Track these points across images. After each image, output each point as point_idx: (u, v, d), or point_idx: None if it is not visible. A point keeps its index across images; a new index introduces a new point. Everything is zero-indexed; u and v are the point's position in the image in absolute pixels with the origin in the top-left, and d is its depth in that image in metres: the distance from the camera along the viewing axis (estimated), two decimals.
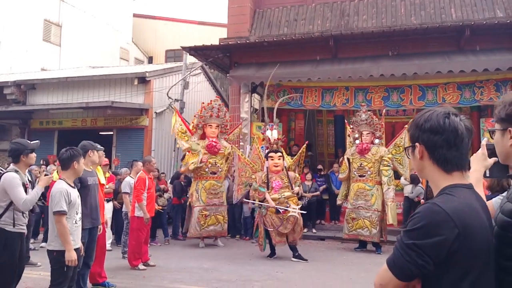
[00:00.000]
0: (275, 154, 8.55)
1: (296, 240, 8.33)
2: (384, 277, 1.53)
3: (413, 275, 1.48)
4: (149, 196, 7.49)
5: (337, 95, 12.10)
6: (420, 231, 1.47)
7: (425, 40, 11.19)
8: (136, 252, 7.33)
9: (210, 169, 9.76)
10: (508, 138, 1.62)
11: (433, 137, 1.59)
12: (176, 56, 22.40)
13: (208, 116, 9.87)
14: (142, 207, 7.28)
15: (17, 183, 4.37)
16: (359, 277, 6.95)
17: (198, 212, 9.51)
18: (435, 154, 1.61)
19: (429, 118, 1.62)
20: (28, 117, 14.91)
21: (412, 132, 1.68)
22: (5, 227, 4.35)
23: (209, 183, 9.72)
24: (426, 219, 1.47)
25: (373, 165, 9.46)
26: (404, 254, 1.47)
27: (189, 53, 12.96)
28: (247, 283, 6.54)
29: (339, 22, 12.54)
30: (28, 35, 19.42)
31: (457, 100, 11.30)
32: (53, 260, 4.22)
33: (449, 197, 1.52)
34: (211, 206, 9.66)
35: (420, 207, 1.55)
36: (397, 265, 1.49)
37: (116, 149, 13.99)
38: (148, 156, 8.12)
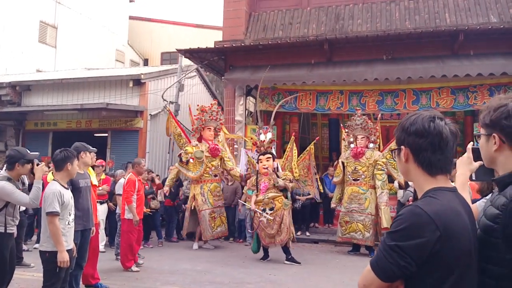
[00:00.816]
0: (263, 156, 8.62)
1: (285, 241, 8.31)
2: (367, 278, 1.56)
3: (396, 276, 1.51)
4: (138, 198, 7.50)
5: (331, 98, 12.15)
6: (402, 233, 1.50)
7: (419, 44, 11.27)
8: (128, 254, 7.34)
9: (214, 172, 9.89)
10: (493, 144, 1.65)
11: (418, 140, 1.62)
12: (171, 59, 22.41)
13: (209, 119, 9.95)
14: (132, 209, 7.28)
15: (11, 190, 4.38)
16: (351, 280, 6.98)
17: (208, 215, 9.61)
18: (419, 157, 1.63)
19: (415, 121, 1.64)
20: (23, 118, 14.86)
21: (398, 135, 1.70)
22: None
23: (214, 185, 9.91)
24: (408, 221, 1.50)
25: (367, 169, 9.50)
26: (386, 256, 1.50)
27: (184, 56, 12.98)
28: (240, 285, 6.55)
29: (334, 26, 12.60)
30: (24, 37, 19.38)
31: (451, 105, 11.38)
32: (46, 261, 4.24)
33: (431, 200, 1.56)
34: (217, 208, 9.86)
35: (403, 210, 1.58)
36: (380, 266, 1.52)
37: (111, 151, 13.96)
38: (138, 159, 8.13)
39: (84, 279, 5.90)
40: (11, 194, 4.37)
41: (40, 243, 4.46)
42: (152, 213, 9.81)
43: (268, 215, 8.26)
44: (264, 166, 8.51)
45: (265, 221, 8.27)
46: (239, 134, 11.98)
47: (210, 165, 9.84)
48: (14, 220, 4.57)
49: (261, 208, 8.36)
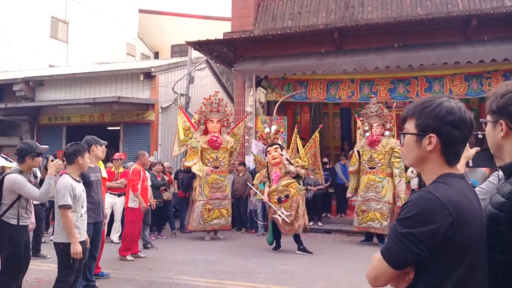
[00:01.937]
0: (271, 147, 8.62)
1: (303, 226, 8.37)
2: (378, 268, 1.53)
3: (409, 263, 1.49)
4: (142, 188, 7.64)
5: (342, 87, 12.06)
6: (414, 219, 1.46)
7: (431, 31, 11.08)
8: (128, 243, 7.51)
9: (212, 164, 9.79)
10: (499, 130, 1.62)
11: (453, 131, 1.54)
12: (181, 51, 22.42)
13: (208, 111, 9.90)
14: (138, 197, 7.47)
15: (23, 183, 4.46)
16: (364, 270, 6.85)
17: (202, 206, 9.58)
18: (449, 149, 1.57)
19: (452, 110, 1.55)
20: (37, 113, 15.06)
21: (426, 121, 1.57)
22: (9, 221, 4.47)
23: (212, 177, 9.73)
24: (419, 207, 1.46)
25: (384, 157, 9.42)
26: (399, 243, 1.47)
27: (193, 48, 12.99)
28: (252, 275, 6.59)
29: (344, 14, 12.47)
30: (36, 32, 19.60)
31: (464, 92, 11.20)
32: (60, 252, 4.33)
33: (442, 185, 1.52)
34: (214, 200, 9.73)
35: (413, 195, 1.53)
36: (392, 254, 1.49)
37: (124, 144, 14.09)
38: (142, 151, 8.27)
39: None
40: (22, 187, 4.45)
41: (54, 235, 4.56)
42: (165, 204, 9.91)
43: (284, 215, 8.21)
44: (274, 156, 8.51)
45: (280, 220, 8.23)
46: (249, 125, 11.96)
47: (208, 156, 9.77)
48: (27, 212, 4.66)
49: (276, 197, 8.32)
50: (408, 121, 1.64)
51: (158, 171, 9.88)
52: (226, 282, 6.15)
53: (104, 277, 6.23)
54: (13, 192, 4.49)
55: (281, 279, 6.38)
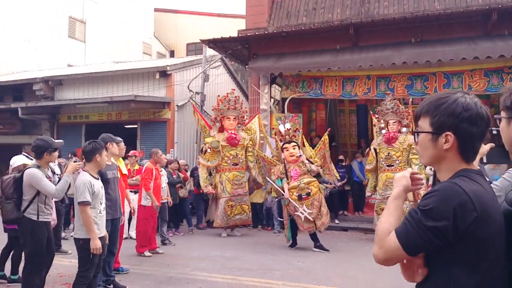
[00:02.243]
0: (289, 144, 8.61)
1: (326, 224, 8.40)
2: (391, 251, 1.51)
3: (425, 251, 1.49)
4: (155, 186, 7.71)
5: (358, 84, 11.94)
6: (438, 211, 1.43)
7: (450, 25, 10.86)
8: (143, 240, 7.61)
9: (232, 161, 9.94)
10: None
11: (470, 128, 1.51)
12: (197, 49, 22.52)
13: (226, 109, 10.01)
14: (151, 195, 7.54)
15: (40, 177, 4.59)
16: (380, 267, 6.83)
17: (225, 203, 9.71)
18: (466, 146, 1.53)
19: (468, 106, 1.51)
20: (57, 112, 15.32)
21: (442, 118, 1.53)
22: (30, 217, 4.62)
23: (233, 174, 9.91)
24: (445, 198, 1.44)
25: (402, 154, 9.32)
26: (420, 233, 1.44)
27: (208, 46, 13.02)
28: (268, 272, 6.62)
29: (359, 10, 12.35)
30: (54, 33, 19.95)
31: (484, 87, 10.96)
32: (80, 247, 4.43)
33: (467, 180, 1.49)
34: (236, 196, 9.89)
35: (439, 185, 1.50)
36: (410, 241, 1.47)
37: (141, 142, 14.24)
38: (155, 149, 8.33)
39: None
40: (40, 182, 4.58)
41: (74, 231, 4.69)
42: (181, 201, 10.00)
43: (306, 212, 8.15)
44: (292, 154, 8.50)
45: (302, 218, 8.16)
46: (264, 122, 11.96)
47: (228, 154, 9.88)
48: (47, 208, 4.78)
49: (296, 194, 8.27)
50: (422, 118, 1.61)
51: (174, 168, 9.98)
52: (242, 278, 6.19)
53: (123, 272, 6.34)
54: (31, 187, 4.62)
55: (298, 276, 6.39)
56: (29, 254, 4.64)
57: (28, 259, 4.64)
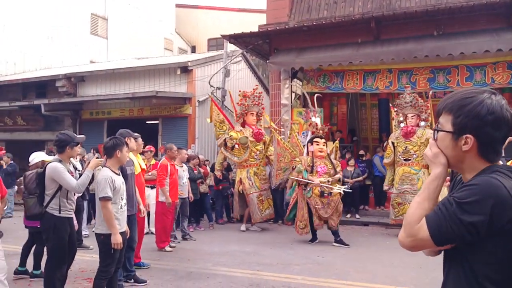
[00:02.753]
0: (321, 140, 8.61)
1: (335, 227, 8.35)
2: (419, 240, 1.47)
3: (455, 243, 1.46)
4: (171, 181, 7.75)
5: (379, 78, 11.80)
6: (477, 206, 1.38)
7: (472, 18, 10.67)
8: (162, 235, 7.68)
9: (258, 156, 10.07)
10: None
11: (493, 132, 1.46)
12: (218, 45, 22.60)
13: (252, 104, 10.08)
14: (165, 192, 7.58)
15: (62, 171, 4.64)
16: (401, 261, 6.89)
17: (256, 198, 9.82)
18: (487, 149, 1.49)
19: (493, 109, 1.46)
20: (79, 108, 15.58)
21: (465, 120, 1.48)
22: (53, 212, 4.68)
23: (259, 169, 10.11)
24: (485, 193, 1.38)
25: (419, 148, 9.23)
26: (454, 227, 1.40)
27: (229, 41, 13.05)
28: (288, 266, 6.63)
29: (381, 3, 12.19)
30: (77, 29, 20.26)
31: (507, 80, 10.74)
32: (101, 243, 4.47)
33: (503, 175, 1.44)
34: (264, 191, 10.07)
35: (477, 179, 1.44)
36: (442, 234, 1.43)
37: (162, 137, 14.38)
38: (170, 144, 8.39)
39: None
40: (61, 175, 4.62)
41: (95, 226, 4.72)
42: (202, 196, 10.08)
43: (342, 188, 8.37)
44: (321, 149, 8.51)
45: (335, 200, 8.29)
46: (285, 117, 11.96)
47: (255, 149, 9.99)
48: (70, 203, 4.83)
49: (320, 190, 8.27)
50: (444, 115, 1.55)
51: (195, 164, 10.05)
52: (262, 273, 6.22)
53: (144, 267, 6.42)
54: (53, 181, 4.66)
55: (317, 271, 6.39)
56: (51, 249, 4.71)
57: (50, 254, 4.71)
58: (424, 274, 6.08)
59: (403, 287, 5.64)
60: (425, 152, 1.59)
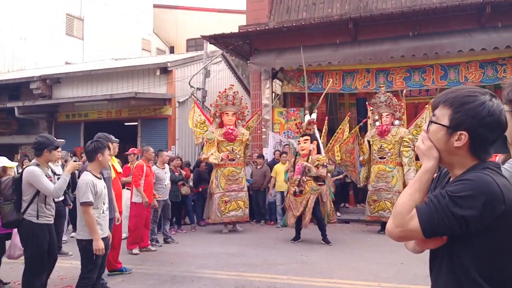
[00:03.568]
0: (302, 138, 8.62)
1: (306, 225, 8.42)
2: (409, 232, 1.48)
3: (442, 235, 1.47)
4: (146, 183, 7.68)
5: (358, 77, 12.02)
6: (469, 200, 1.40)
7: (446, 19, 11.00)
8: (134, 237, 7.60)
9: (230, 156, 9.91)
10: None
11: (487, 134, 1.49)
12: (197, 45, 22.50)
13: (224, 104, 9.98)
14: (141, 192, 7.51)
15: (39, 174, 4.51)
16: (383, 258, 7.00)
17: (218, 199, 9.71)
18: (477, 148, 1.52)
19: (493, 112, 1.49)
20: (55, 110, 15.28)
21: (463, 118, 1.50)
22: (31, 219, 4.52)
23: (228, 169, 9.88)
24: (478, 188, 1.41)
25: (393, 146, 9.44)
26: (445, 220, 1.42)
27: (209, 42, 13.04)
28: (273, 266, 6.66)
29: (358, 4, 12.39)
30: (52, 30, 19.87)
31: (479, 79, 11.11)
32: (83, 249, 4.37)
33: (494, 171, 1.47)
34: (231, 192, 9.83)
35: (470, 174, 1.47)
36: (432, 226, 1.44)
37: (141, 139, 14.23)
38: (146, 146, 8.34)
39: (109, 264, 6.08)
40: (38, 179, 4.48)
41: (77, 232, 4.61)
42: (183, 199, 10.03)
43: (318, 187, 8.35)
44: (302, 148, 8.52)
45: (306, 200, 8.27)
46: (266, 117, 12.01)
47: (224, 149, 9.87)
48: (48, 208, 4.67)
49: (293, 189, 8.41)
50: (442, 108, 1.56)
51: (176, 165, 9.98)
52: (247, 274, 6.22)
53: (126, 272, 6.32)
54: (30, 186, 4.52)
55: (302, 270, 6.44)
56: (29, 257, 4.54)
57: (29, 262, 4.55)
58: (406, 270, 6.20)
59: (387, 283, 5.73)
60: (417, 144, 1.60)
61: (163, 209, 8.54)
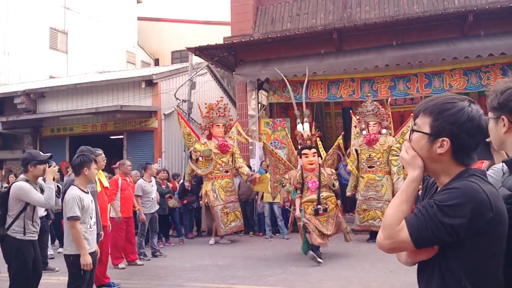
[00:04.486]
0: (309, 150, 7.77)
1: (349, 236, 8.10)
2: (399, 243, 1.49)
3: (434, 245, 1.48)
4: (122, 197, 7.61)
5: (343, 87, 12.11)
6: (457, 209, 1.41)
7: (429, 28, 11.16)
8: (115, 251, 7.49)
9: (224, 168, 9.98)
10: (502, 126, 1.66)
11: (468, 139, 1.51)
12: (182, 57, 22.51)
13: (216, 116, 10.03)
14: (114, 207, 7.38)
15: (28, 188, 4.48)
16: (372, 267, 7.01)
17: (220, 211, 9.71)
18: (460, 154, 1.53)
19: (472, 117, 1.51)
20: (39, 125, 15.10)
21: (443, 124, 1.52)
22: (15, 235, 4.45)
23: (225, 181, 9.97)
24: (466, 197, 1.42)
25: (382, 155, 9.48)
26: (434, 229, 1.43)
27: (194, 54, 13.05)
28: (262, 278, 6.62)
29: (342, 15, 12.54)
30: (35, 44, 19.69)
31: (463, 86, 11.25)
32: (70, 264, 4.32)
33: (480, 179, 1.48)
34: (230, 203, 9.92)
35: (458, 183, 1.48)
36: (422, 236, 1.45)
37: (127, 153, 14.12)
38: (123, 160, 8.30)
39: (97, 279, 6.00)
40: (28, 193, 4.45)
41: (64, 247, 4.55)
42: (171, 211, 9.96)
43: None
44: (311, 162, 7.71)
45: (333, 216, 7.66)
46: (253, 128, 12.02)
47: (220, 161, 9.91)
48: (34, 225, 4.64)
49: (313, 208, 7.57)
50: (423, 117, 1.58)
51: (162, 178, 9.92)
52: (237, 286, 6.18)
53: (114, 287, 6.25)
54: (19, 200, 4.48)
55: (291, 281, 6.41)
56: (14, 275, 4.45)
57: (13, 279, 4.46)
58: (395, 278, 6.20)
59: None
60: (401, 155, 1.62)
61: (151, 222, 8.47)
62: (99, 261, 5.72)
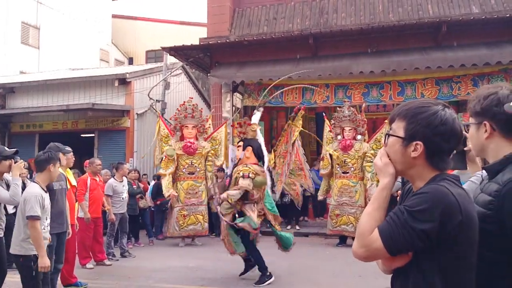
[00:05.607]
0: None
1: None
2: (373, 250, 1.49)
3: (407, 252, 1.48)
4: (91, 197, 7.52)
5: (317, 92, 12.19)
6: (427, 213, 1.42)
7: (403, 36, 11.36)
8: (82, 251, 7.39)
9: (188, 170, 9.80)
10: (483, 132, 1.66)
11: (442, 143, 1.52)
12: (156, 57, 22.29)
13: (183, 117, 9.88)
14: (83, 207, 7.29)
15: None
16: (342, 271, 7.07)
17: (177, 212, 9.58)
18: (434, 158, 1.54)
19: (446, 121, 1.52)
20: (8, 121, 14.71)
21: (417, 128, 1.52)
22: None
23: (187, 183, 9.78)
24: (435, 201, 1.43)
25: (357, 161, 9.56)
26: (406, 235, 1.43)
27: (169, 54, 12.94)
28: (232, 280, 6.59)
29: (318, 20, 12.65)
30: (6, 38, 19.15)
31: (435, 96, 11.49)
32: (21, 266, 4.13)
33: (451, 183, 1.50)
34: (190, 206, 9.71)
35: (427, 187, 1.49)
36: (394, 242, 1.45)
37: (98, 151, 13.87)
38: (93, 158, 8.19)
39: (63, 279, 5.95)
40: None
41: (12, 247, 4.22)
42: (141, 212, 9.83)
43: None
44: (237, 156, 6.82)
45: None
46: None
47: (183, 163, 9.77)
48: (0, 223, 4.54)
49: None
50: (398, 121, 1.59)
51: (133, 178, 9.79)
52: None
53: (81, 287, 6.14)
54: None
55: None
56: None
57: None
58: (365, 283, 6.27)
59: None
60: (375, 161, 1.63)
61: (120, 223, 8.34)
62: (66, 260, 5.62)
